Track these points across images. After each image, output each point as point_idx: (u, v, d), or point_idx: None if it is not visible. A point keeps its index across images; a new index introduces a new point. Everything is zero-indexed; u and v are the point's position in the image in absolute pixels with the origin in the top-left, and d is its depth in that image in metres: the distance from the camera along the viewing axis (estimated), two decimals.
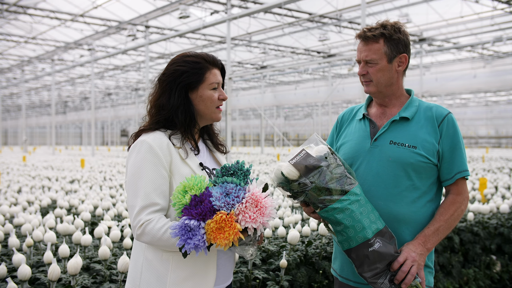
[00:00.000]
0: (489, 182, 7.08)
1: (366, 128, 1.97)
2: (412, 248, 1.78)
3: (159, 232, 1.55)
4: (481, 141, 44.75)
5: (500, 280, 4.39)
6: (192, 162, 1.70)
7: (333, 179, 1.72)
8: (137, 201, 1.60)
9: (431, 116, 1.91)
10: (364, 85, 1.96)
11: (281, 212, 4.13)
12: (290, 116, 50.36)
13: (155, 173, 1.62)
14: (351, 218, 1.70)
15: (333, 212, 1.71)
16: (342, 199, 1.70)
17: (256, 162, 15.03)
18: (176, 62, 1.75)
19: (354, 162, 1.95)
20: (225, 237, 1.41)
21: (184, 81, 1.71)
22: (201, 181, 1.50)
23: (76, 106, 47.35)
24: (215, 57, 1.79)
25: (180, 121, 1.71)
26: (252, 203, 1.46)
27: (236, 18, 13.42)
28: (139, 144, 1.67)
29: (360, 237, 1.71)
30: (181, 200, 1.47)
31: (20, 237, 3.40)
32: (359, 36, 1.91)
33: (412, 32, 18.91)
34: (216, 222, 1.41)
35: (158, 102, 1.73)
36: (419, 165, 1.85)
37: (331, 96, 22.08)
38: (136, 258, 1.70)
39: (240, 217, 1.44)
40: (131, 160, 1.67)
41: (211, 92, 1.75)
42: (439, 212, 1.88)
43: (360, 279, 1.90)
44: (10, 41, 21.12)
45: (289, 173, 1.69)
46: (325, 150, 1.77)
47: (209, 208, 1.44)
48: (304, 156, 1.72)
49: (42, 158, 18.99)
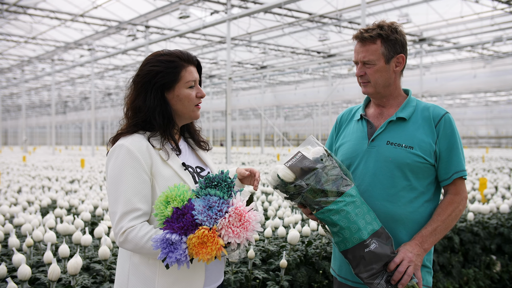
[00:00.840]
0: (489, 182, 7.08)
1: (364, 128, 1.97)
2: (409, 249, 1.78)
3: (142, 240, 1.51)
4: (481, 141, 44.75)
5: (500, 280, 4.39)
6: (174, 163, 1.66)
7: (328, 181, 1.72)
8: (118, 207, 1.55)
9: (428, 116, 1.91)
10: (362, 86, 1.96)
11: (281, 212, 4.13)
12: (290, 116, 50.36)
13: (135, 177, 1.57)
14: (346, 220, 1.71)
15: (328, 213, 1.72)
16: (338, 200, 1.71)
17: (256, 162, 15.02)
18: (150, 62, 1.70)
19: (352, 163, 1.95)
20: (207, 252, 1.37)
21: (159, 82, 1.66)
22: (184, 192, 1.46)
23: (76, 106, 47.35)
24: (190, 54, 1.74)
25: (158, 123, 1.66)
26: (236, 218, 1.41)
27: (236, 18, 13.42)
28: (117, 149, 1.62)
29: (355, 238, 1.71)
30: (163, 211, 1.43)
31: (20, 237, 3.40)
32: (356, 37, 1.90)
33: (412, 32, 18.92)
34: (198, 237, 1.37)
35: (134, 105, 1.69)
36: (416, 166, 1.85)
37: (331, 96, 22.08)
38: (123, 263, 1.66)
39: (223, 231, 1.40)
40: (110, 166, 1.62)
41: (188, 91, 1.70)
42: (437, 212, 1.88)
43: (358, 279, 1.90)
44: (10, 41, 21.13)
45: (284, 175, 1.70)
46: (321, 152, 1.78)
47: (191, 222, 1.39)
48: (299, 159, 1.72)
49: (42, 158, 18.99)
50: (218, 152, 27.47)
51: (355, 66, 1.97)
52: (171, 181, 1.61)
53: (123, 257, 1.67)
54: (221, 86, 32.71)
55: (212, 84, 30.49)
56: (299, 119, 51.18)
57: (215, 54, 24.18)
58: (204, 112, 40.61)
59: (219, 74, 29.81)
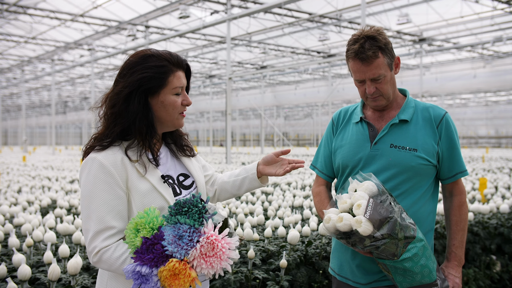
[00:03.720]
0: (489, 182, 7.07)
1: (365, 131, 1.94)
2: (454, 273, 1.92)
3: (117, 261, 1.43)
4: (481, 141, 44.76)
5: (500, 280, 4.39)
6: (152, 177, 1.53)
7: (402, 227, 1.62)
8: (91, 225, 1.45)
9: (429, 117, 1.91)
10: (372, 101, 1.89)
11: (281, 212, 4.13)
12: (290, 116, 50.37)
13: (108, 193, 1.46)
14: (420, 266, 1.68)
15: (402, 262, 1.65)
16: (410, 247, 1.65)
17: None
18: (137, 70, 1.55)
19: (354, 166, 1.92)
20: (180, 284, 1.31)
21: (144, 86, 1.52)
22: (153, 219, 1.37)
23: (76, 106, 47.36)
24: (180, 57, 1.59)
25: (138, 129, 1.52)
26: (208, 247, 1.33)
27: (236, 18, 13.42)
28: (89, 162, 1.49)
29: (426, 280, 1.72)
30: (133, 240, 1.36)
31: (20, 237, 3.40)
32: (360, 58, 1.79)
33: (412, 32, 18.93)
34: (169, 270, 1.31)
35: (116, 109, 1.53)
36: (420, 168, 1.85)
37: (331, 96, 22.08)
38: (102, 271, 1.58)
39: (195, 263, 1.32)
40: (83, 180, 1.50)
41: (174, 98, 1.56)
42: (454, 221, 1.95)
43: (359, 279, 1.90)
44: (10, 41, 21.14)
45: (365, 231, 1.55)
46: (374, 188, 1.66)
47: (161, 254, 1.32)
48: (373, 206, 1.56)
49: (42, 158, 18.99)
50: (218, 152, 27.49)
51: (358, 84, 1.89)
52: (148, 196, 1.51)
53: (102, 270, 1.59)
54: (221, 86, 32.71)
55: (212, 84, 30.49)
56: (299, 119, 51.19)
57: (215, 54, 24.20)
58: (204, 112, 40.61)
59: (219, 74, 29.81)
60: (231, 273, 2.75)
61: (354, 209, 1.58)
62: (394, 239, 1.58)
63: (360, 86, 1.89)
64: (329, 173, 2.06)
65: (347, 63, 1.90)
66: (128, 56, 1.61)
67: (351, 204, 1.62)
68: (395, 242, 1.59)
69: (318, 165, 2.09)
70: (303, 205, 4.77)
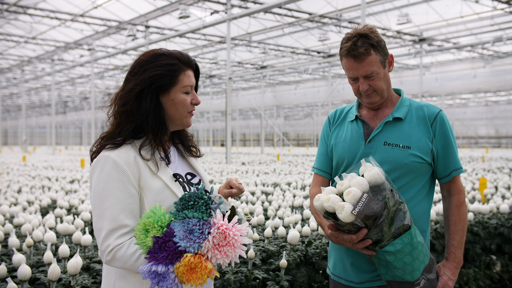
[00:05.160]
0: (489, 182, 7.07)
1: (360, 129, 1.96)
2: (450, 275, 1.89)
3: (131, 258, 1.43)
4: (481, 141, 44.78)
5: (500, 280, 4.39)
6: (164, 175, 1.55)
7: (390, 221, 1.63)
8: (104, 224, 1.45)
9: (423, 115, 1.92)
10: (366, 98, 1.91)
11: (281, 212, 4.13)
12: (290, 116, 50.39)
13: (122, 192, 1.46)
14: (402, 263, 1.69)
15: (383, 254, 1.68)
16: (395, 242, 1.66)
17: (256, 162, 15.03)
18: (148, 67, 1.58)
19: (349, 164, 1.94)
20: (197, 277, 1.32)
21: (156, 83, 1.55)
22: (161, 218, 1.37)
23: (76, 106, 47.38)
24: (190, 57, 1.63)
25: (151, 127, 1.54)
26: (220, 237, 1.33)
27: (236, 18, 13.43)
28: (102, 160, 1.49)
29: (407, 277, 1.71)
30: (144, 241, 1.36)
31: (20, 237, 3.40)
32: (349, 55, 1.83)
33: (412, 32, 18.93)
34: (185, 265, 1.31)
35: (127, 108, 1.55)
36: (413, 165, 1.86)
37: (331, 96, 22.08)
38: (108, 271, 1.57)
39: (209, 254, 1.33)
40: (95, 178, 1.49)
41: (184, 96, 1.59)
42: (452, 221, 1.94)
43: (351, 277, 1.91)
44: (10, 41, 21.15)
45: (344, 218, 1.58)
46: (379, 175, 1.65)
47: (174, 250, 1.32)
48: (366, 202, 1.57)
49: (42, 158, 19.00)
50: (218, 152, 27.49)
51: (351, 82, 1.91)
52: (161, 194, 1.52)
53: (108, 269, 1.58)
54: (221, 86, 32.73)
55: (212, 84, 30.51)
56: (299, 119, 51.20)
57: (215, 54, 24.21)
58: (204, 112, 40.63)
59: (219, 74, 29.82)
60: (231, 273, 2.75)
61: (345, 194, 1.61)
62: (377, 230, 1.61)
63: (353, 84, 1.91)
64: (326, 169, 2.07)
65: (341, 61, 1.92)
66: (139, 55, 1.63)
67: (345, 188, 1.64)
68: (376, 232, 1.61)
69: (316, 164, 2.12)
70: (303, 205, 4.78)
